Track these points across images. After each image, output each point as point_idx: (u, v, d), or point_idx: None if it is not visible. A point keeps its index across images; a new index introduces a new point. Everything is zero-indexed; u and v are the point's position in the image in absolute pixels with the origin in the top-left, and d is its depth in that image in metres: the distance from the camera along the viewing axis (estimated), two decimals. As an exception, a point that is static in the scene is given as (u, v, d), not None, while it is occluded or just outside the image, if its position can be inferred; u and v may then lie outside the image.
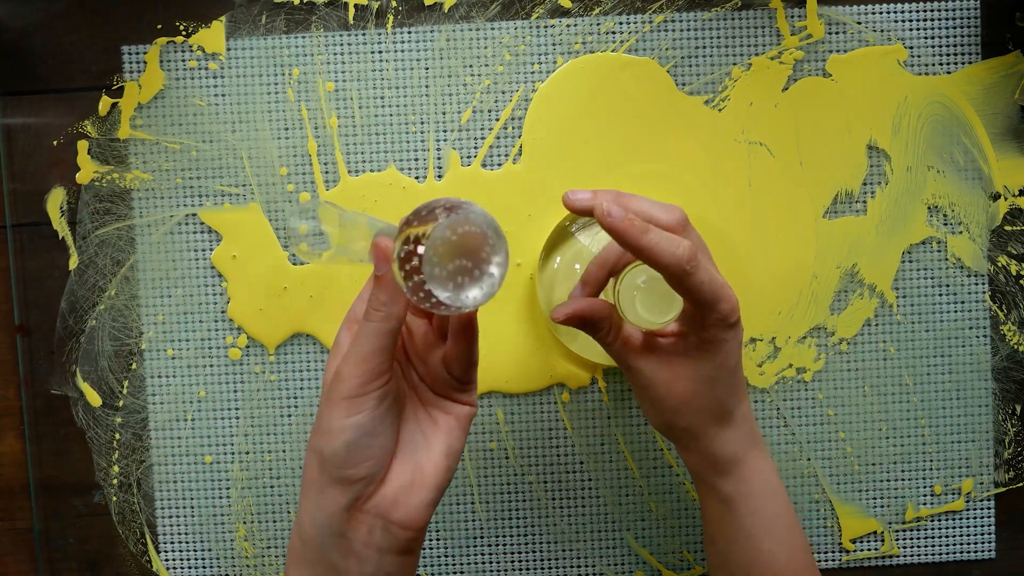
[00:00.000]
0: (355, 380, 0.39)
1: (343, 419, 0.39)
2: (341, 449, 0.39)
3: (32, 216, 0.55)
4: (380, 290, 0.39)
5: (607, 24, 0.55)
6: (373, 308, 0.39)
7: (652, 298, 0.43)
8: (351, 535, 0.40)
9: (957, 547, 0.57)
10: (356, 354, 0.39)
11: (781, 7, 0.55)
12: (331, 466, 0.39)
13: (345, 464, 0.39)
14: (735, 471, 0.45)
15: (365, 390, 0.39)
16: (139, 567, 0.56)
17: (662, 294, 0.42)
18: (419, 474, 0.41)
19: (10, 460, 0.56)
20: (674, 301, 0.42)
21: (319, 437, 0.40)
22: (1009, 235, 0.56)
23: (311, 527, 0.40)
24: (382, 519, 0.40)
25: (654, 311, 0.43)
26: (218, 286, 0.55)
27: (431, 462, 0.41)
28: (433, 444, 0.42)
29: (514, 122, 0.55)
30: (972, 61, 0.55)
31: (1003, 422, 0.56)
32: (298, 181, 0.55)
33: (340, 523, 0.40)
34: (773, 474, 0.46)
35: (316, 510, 0.40)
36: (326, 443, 0.39)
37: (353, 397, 0.39)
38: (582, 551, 0.56)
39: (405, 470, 0.41)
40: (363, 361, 0.39)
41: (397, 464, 0.41)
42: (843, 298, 0.56)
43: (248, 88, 0.55)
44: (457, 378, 0.43)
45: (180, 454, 0.56)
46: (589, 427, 0.56)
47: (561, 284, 0.53)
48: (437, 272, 0.37)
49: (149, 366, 0.56)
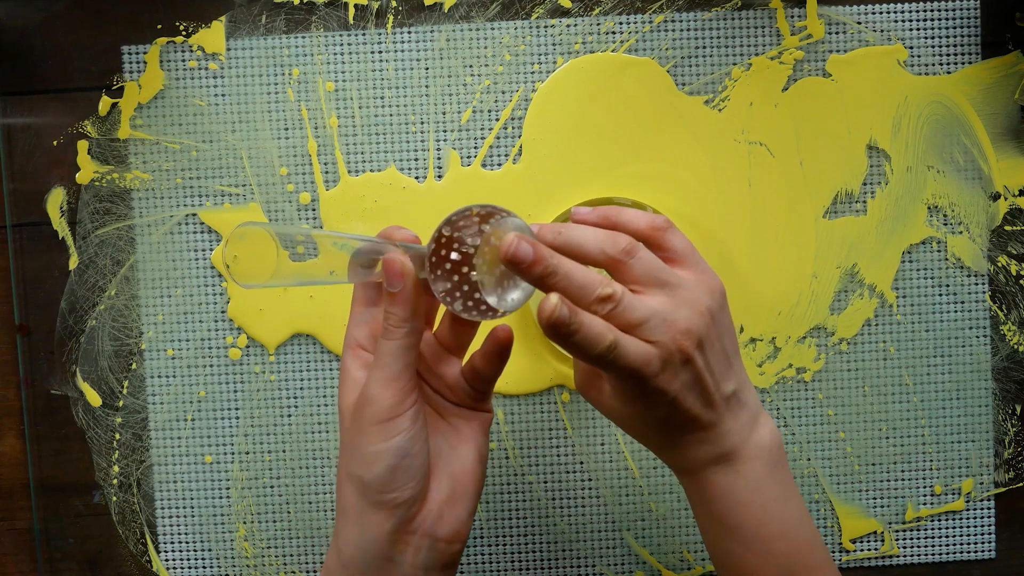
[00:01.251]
0: (387, 402, 0.38)
1: (381, 443, 0.38)
2: (384, 474, 0.38)
3: (32, 216, 0.55)
4: (398, 306, 0.38)
5: (607, 24, 0.55)
6: (393, 325, 0.38)
7: None
8: (399, 558, 0.39)
9: (957, 547, 0.57)
10: (383, 376, 0.38)
11: (781, 7, 0.55)
12: (373, 492, 0.39)
13: (389, 488, 0.38)
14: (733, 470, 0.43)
15: (398, 411, 0.38)
16: (139, 567, 0.56)
17: None
18: (457, 485, 0.41)
19: (10, 460, 0.56)
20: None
21: (356, 464, 0.39)
22: (1009, 235, 0.56)
23: (355, 551, 0.39)
24: (428, 537, 0.39)
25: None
26: (218, 286, 0.55)
27: (466, 471, 0.41)
28: (463, 453, 0.41)
29: (514, 122, 0.55)
30: (972, 61, 0.55)
31: (1003, 422, 0.56)
32: (298, 181, 0.55)
33: (387, 547, 0.39)
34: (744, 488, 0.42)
35: (359, 536, 0.39)
36: (366, 470, 0.38)
37: (387, 420, 0.38)
38: (582, 551, 0.56)
39: (443, 484, 0.40)
40: (392, 381, 0.38)
41: (434, 480, 0.40)
42: (843, 298, 0.56)
43: (248, 88, 0.55)
44: (479, 390, 0.42)
45: (180, 454, 0.56)
46: (589, 427, 0.56)
47: None
48: (487, 279, 0.38)
49: (149, 366, 0.56)
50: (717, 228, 0.55)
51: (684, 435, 0.42)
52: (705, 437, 0.42)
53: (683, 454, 0.42)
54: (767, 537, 0.42)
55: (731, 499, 0.42)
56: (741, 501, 0.42)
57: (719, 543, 0.44)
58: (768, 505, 0.42)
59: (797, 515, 0.43)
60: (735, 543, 0.43)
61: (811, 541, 0.43)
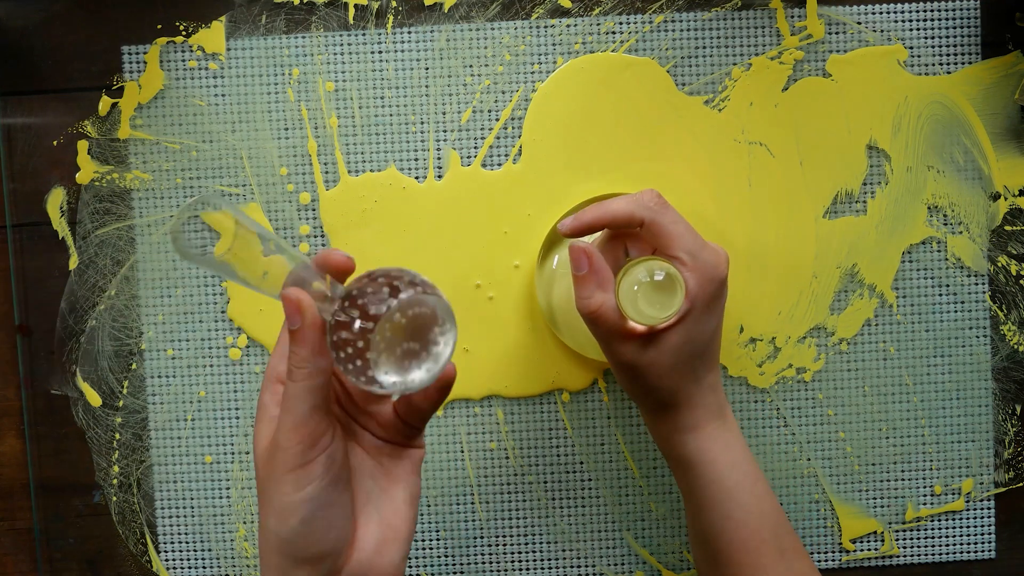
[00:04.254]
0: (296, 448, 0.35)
1: (293, 494, 0.35)
2: (300, 528, 0.35)
3: (32, 216, 0.55)
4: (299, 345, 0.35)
5: (607, 24, 0.55)
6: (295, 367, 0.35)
7: (653, 294, 0.43)
8: None
9: (957, 547, 0.57)
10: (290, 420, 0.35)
11: (781, 7, 0.55)
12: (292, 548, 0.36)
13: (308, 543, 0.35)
14: (696, 438, 0.45)
15: (309, 457, 0.35)
16: (139, 567, 0.56)
17: (663, 288, 0.43)
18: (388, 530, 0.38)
19: (10, 460, 0.56)
20: (675, 296, 0.43)
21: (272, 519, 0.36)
22: (1009, 235, 0.56)
23: None
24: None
25: (656, 306, 0.43)
26: (218, 286, 0.55)
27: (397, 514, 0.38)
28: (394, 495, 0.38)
29: (514, 122, 0.55)
30: (972, 61, 0.55)
31: (1003, 422, 0.56)
32: (298, 181, 0.55)
33: None
34: (736, 445, 0.46)
35: None
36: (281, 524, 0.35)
37: (298, 468, 0.35)
38: (582, 551, 0.56)
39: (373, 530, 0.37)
40: (300, 426, 0.35)
41: (362, 526, 0.37)
42: (843, 298, 0.56)
43: (248, 88, 0.55)
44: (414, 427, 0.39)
45: (180, 454, 0.56)
46: (589, 427, 0.56)
47: (559, 283, 0.53)
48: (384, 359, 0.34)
49: (149, 366, 0.56)
50: (717, 228, 0.55)
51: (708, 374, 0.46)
52: (715, 382, 0.46)
53: (690, 403, 0.45)
54: (760, 495, 0.46)
55: (731, 457, 0.45)
56: (736, 461, 0.45)
57: (713, 513, 0.45)
58: (753, 463, 0.46)
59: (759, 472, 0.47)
60: (733, 507, 0.45)
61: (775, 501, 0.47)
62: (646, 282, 0.43)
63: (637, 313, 0.43)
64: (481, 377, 0.55)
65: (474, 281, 0.55)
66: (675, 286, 0.42)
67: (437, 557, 0.56)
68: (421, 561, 0.56)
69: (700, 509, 0.46)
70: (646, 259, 0.43)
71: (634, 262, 0.43)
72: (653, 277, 0.43)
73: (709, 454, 0.45)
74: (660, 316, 0.43)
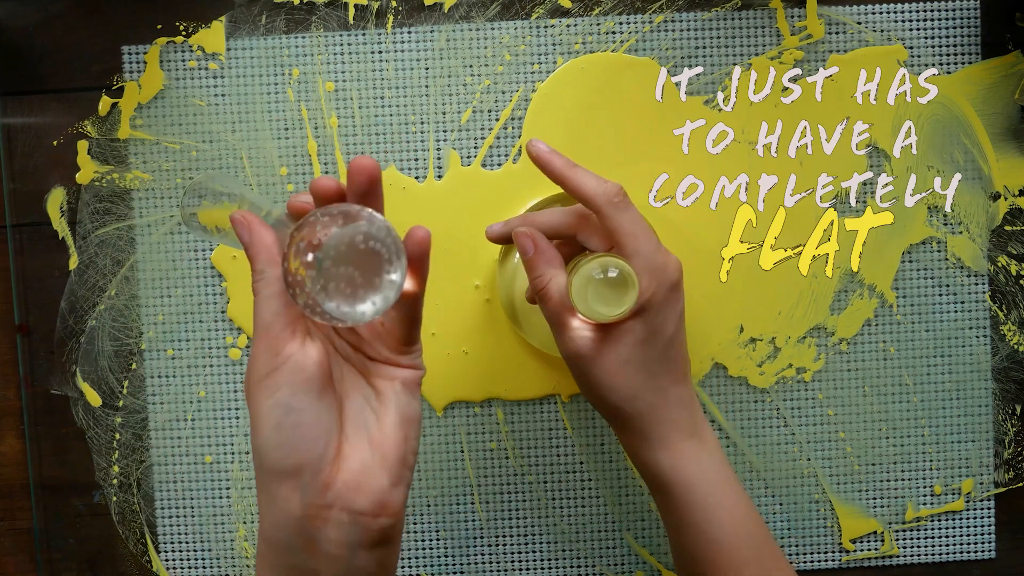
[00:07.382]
0: (263, 356, 0.36)
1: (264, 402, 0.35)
2: (272, 435, 0.35)
3: (32, 216, 0.55)
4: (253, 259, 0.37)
5: (607, 24, 0.55)
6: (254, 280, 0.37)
7: (605, 290, 0.42)
8: (318, 535, 0.36)
9: (957, 547, 0.57)
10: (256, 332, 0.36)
11: (781, 7, 0.55)
12: (268, 460, 0.36)
13: (280, 452, 0.35)
14: (670, 457, 0.44)
15: (275, 363, 0.35)
16: (139, 567, 0.56)
17: (615, 285, 0.42)
18: (378, 452, 0.37)
19: (10, 460, 0.56)
20: (628, 293, 0.42)
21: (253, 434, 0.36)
22: (1009, 235, 0.56)
23: (273, 531, 0.37)
24: (347, 511, 0.36)
25: (607, 303, 0.42)
26: (218, 286, 0.55)
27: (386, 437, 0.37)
28: (383, 416, 0.38)
29: (514, 122, 0.55)
30: (972, 61, 0.55)
31: (1003, 422, 0.56)
32: (298, 181, 0.55)
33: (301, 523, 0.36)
34: (714, 466, 0.45)
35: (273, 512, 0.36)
36: (256, 435, 0.36)
37: (266, 376, 0.36)
38: (582, 551, 0.56)
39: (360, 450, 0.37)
40: (263, 335, 0.36)
41: (348, 445, 0.37)
42: (843, 298, 0.56)
43: (248, 88, 0.55)
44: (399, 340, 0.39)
45: (180, 454, 0.56)
46: (589, 427, 0.56)
47: (522, 277, 0.53)
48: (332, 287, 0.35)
49: (149, 366, 0.56)
50: (717, 227, 0.55)
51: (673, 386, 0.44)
52: (685, 398, 0.45)
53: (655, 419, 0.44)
54: (742, 516, 0.45)
55: (707, 478, 0.44)
56: (716, 480, 0.44)
57: (689, 534, 0.45)
58: (734, 483, 0.45)
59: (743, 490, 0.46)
60: (711, 528, 0.44)
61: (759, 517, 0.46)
62: (599, 278, 0.42)
63: (587, 309, 0.42)
64: (480, 383, 0.55)
65: (473, 282, 0.55)
66: (627, 284, 0.42)
67: (437, 557, 0.56)
68: (421, 561, 0.56)
69: (679, 532, 0.45)
70: (600, 255, 0.42)
71: (589, 257, 0.43)
72: (607, 274, 0.42)
73: (684, 475, 0.44)
74: (610, 313, 0.42)
